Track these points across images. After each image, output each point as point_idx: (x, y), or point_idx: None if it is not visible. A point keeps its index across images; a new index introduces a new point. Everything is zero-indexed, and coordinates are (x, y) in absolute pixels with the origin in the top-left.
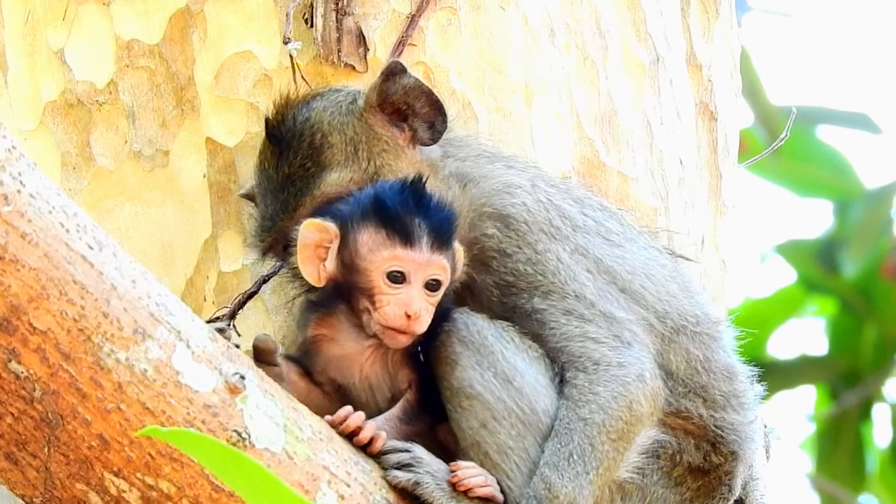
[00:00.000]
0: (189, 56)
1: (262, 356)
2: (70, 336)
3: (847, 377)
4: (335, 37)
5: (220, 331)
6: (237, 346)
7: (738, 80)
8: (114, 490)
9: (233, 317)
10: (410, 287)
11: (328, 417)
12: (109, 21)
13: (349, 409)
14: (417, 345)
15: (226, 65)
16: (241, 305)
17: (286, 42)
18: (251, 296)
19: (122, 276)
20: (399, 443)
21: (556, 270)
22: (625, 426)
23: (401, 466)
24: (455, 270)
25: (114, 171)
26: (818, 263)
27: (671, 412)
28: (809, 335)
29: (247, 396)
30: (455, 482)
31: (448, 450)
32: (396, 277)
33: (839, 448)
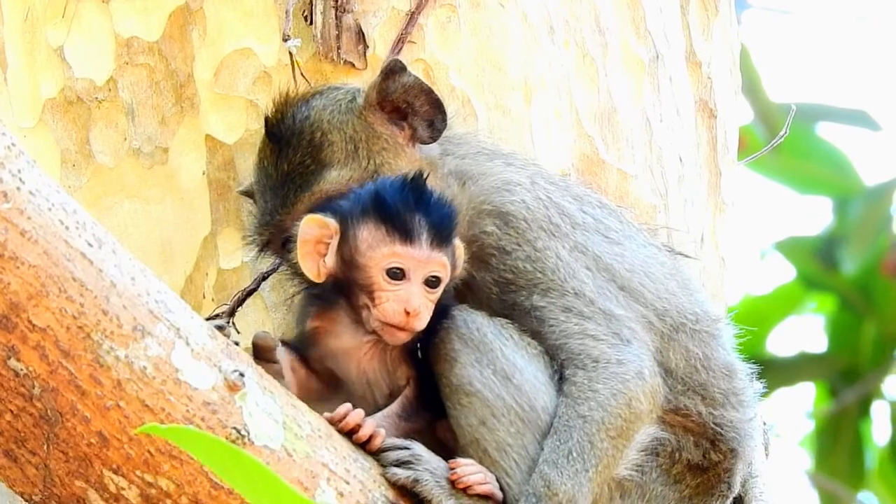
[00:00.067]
0: (188, 53)
1: (262, 353)
2: (69, 333)
3: (846, 374)
4: (334, 34)
5: (220, 328)
6: (236, 344)
7: (738, 78)
8: (113, 487)
9: (232, 314)
10: (410, 284)
11: (327, 415)
12: (109, 18)
13: (348, 407)
14: (416, 341)
15: (225, 62)
16: (241, 303)
17: (285, 39)
18: (250, 293)
19: (122, 274)
20: (398, 440)
21: (556, 268)
22: (624, 423)
23: (400, 464)
24: (455, 267)
25: (113, 169)
26: (817, 260)
27: (670, 409)
28: (809, 332)
29: (246, 394)
30: (454, 479)
31: (447, 447)
32: (396, 274)
33: (838, 445)
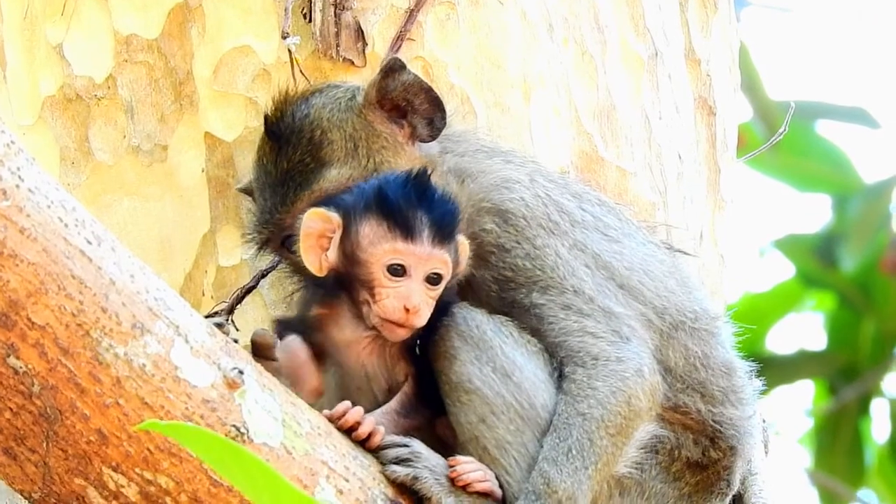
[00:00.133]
0: (188, 51)
1: (261, 351)
2: (68, 331)
3: (846, 372)
4: (334, 31)
5: (219, 325)
6: (235, 341)
7: (737, 75)
8: (112, 485)
9: (231, 311)
10: (410, 280)
11: (326, 412)
12: (108, 16)
13: (347, 405)
14: (416, 338)
15: (224, 59)
16: (240, 300)
17: (285, 37)
18: (250, 290)
19: (121, 271)
20: (398, 437)
21: (555, 265)
22: (623, 421)
23: (399, 461)
24: (458, 264)
25: (112, 166)
26: (817, 258)
27: (669, 407)
28: (808, 330)
29: (245, 391)
30: (453, 477)
31: (446, 444)
32: (396, 270)
33: (838, 443)
